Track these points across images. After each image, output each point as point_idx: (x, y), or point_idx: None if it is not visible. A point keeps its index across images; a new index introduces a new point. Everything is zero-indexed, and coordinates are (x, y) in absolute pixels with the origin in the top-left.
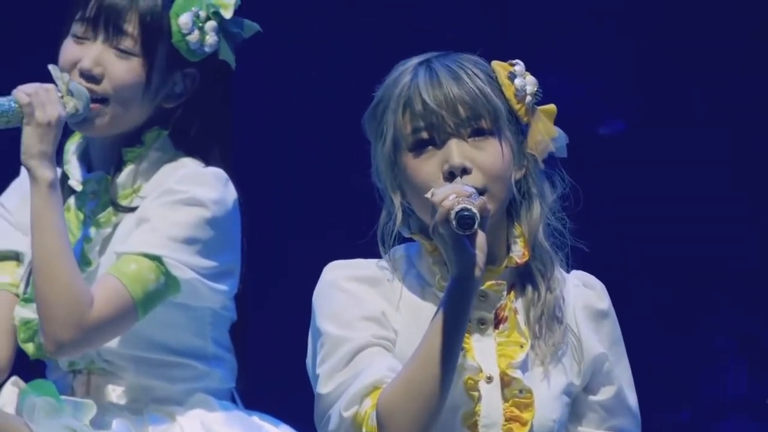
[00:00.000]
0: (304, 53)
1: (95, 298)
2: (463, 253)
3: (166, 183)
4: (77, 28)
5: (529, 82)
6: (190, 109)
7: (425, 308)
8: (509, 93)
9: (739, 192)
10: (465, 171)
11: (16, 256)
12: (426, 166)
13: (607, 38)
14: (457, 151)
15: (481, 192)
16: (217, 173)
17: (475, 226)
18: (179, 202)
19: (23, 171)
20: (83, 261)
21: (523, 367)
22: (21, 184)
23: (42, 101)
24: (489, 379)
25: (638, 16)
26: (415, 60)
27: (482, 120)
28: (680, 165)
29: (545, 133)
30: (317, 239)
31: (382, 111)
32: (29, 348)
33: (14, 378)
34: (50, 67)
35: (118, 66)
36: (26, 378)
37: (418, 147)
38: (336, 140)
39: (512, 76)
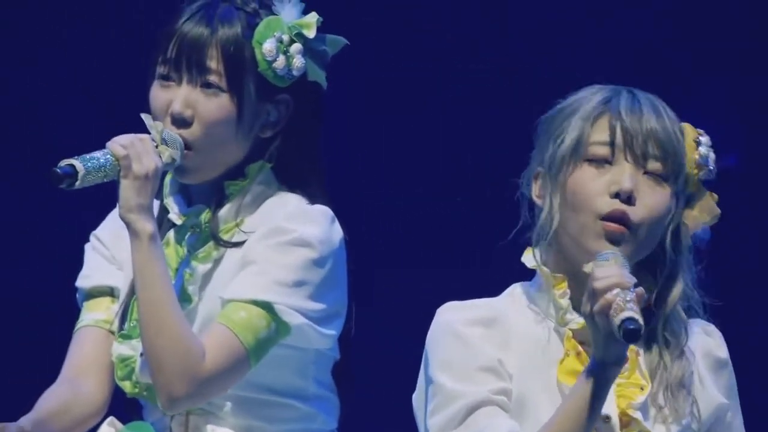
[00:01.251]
0: None
1: (207, 349)
2: (615, 344)
3: (271, 221)
4: (161, 70)
5: (711, 157)
6: (289, 135)
7: (541, 344)
8: (691, 155)
9: None
10: (630, 200)
11: (110, 292)
12: (595, 181)
13: None
14: (630, 177)
15: (632, 228)
16: (323, 211)
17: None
18: (286, 243)
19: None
20: (183, 297)
21: (642, 408)
22: (115, 217)
23: (138, 153)
24: (607, 419)
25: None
26: (611, 85)
27: (665, 162)
28: None
29: (708, 212)
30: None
31: (569, 115)
32: (126, 386)
33: (110, 418)
34: (143, 116)
35: (208, 105)
36: (122, 418)
37: (596, 161)
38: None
39: (698, 142)
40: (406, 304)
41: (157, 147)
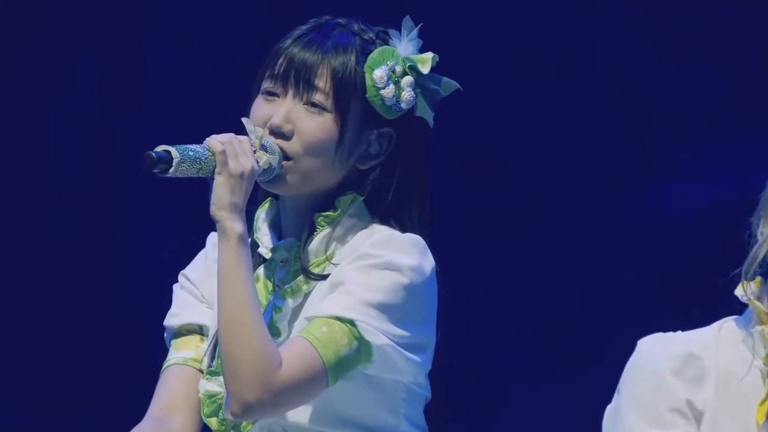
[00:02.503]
0: None
1: (284, 359)
2: None
3: (360, 248)
4: (267, 84)
5: None
6: (387, 171)
7: (742, 383)
8: None
9: None
10: None
11: (199, 330)
12: None
13: None
14: None
15: None
16: (414, 239)
17: None
18: (374, 266)
19: (208, 242)
20: (272, 331)
21: None
22: (206, 256)
23: (236, 151)
24: None
25: None
26: None
27: None
28: None
29: None
30: None
31: None
32: (213, 423)
33: None
34: (244, 120)
35: (310, 122)
36: None
37: None
38: None
39: None
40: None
41: (255, 152)
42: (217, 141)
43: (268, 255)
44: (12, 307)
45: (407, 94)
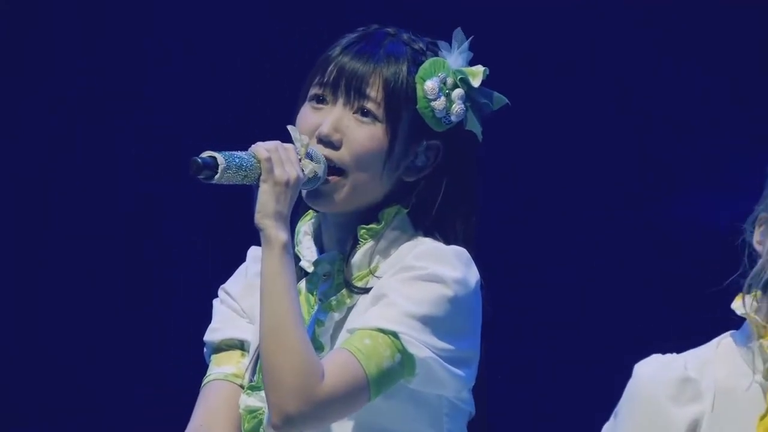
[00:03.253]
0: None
1: (326, 370)
2: None
3: (404, 260)
4: (315, 91)
5: None
6: (432, 184)
7: (742, 398)
8: None
9: None
10: None
11: (240, 345)
12: None
13: None
14: None
15: None
16: (459, 251)
17: None
18: (418, 278)
19: (249, 255)
20: (315, 345)
21: None
22: (246, 269)
23: (281, 159)
24: None
25: None
26: None
27: None
28: None
29: None
30: None
31: None
32: None
33: None
34: (289, 127)
35: (359, 132)
36: None
37: None
38: None
39: None
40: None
41: (300, 160)
42: (262, 148)
43: (310, 268)
44: (12, 308)
45: (457, 107)
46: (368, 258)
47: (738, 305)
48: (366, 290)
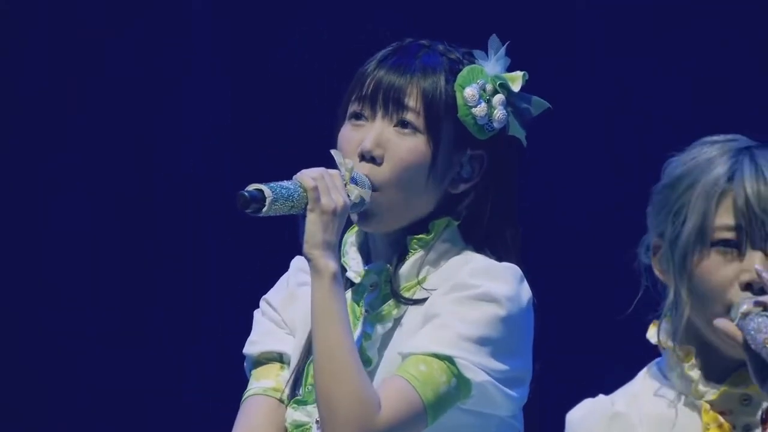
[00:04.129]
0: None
1: (383, 400)
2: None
3: (455, 277)
4: (354, 108)
5: None
6: (480, 195)
7: (678, 423)
8: None
9: None
10: (764, 291)
11: (279, 358)
12: (724, 269)
13: None
14: (762, 264)
15: None
16: (511, 268)
17: None
18: (471, 298)
19: (292, 265)
20: (362, 358)
21: None
22: (288, 279)
23: (327, 187)
24: None
25: None
26: (731, 142)
27: None
28: None
29: None
30: None
31: (687, 188)
32: None
33: None
34: (333, 152)
35: (401, 144)
36: None
37: (724, 245)
38: None
39: None
40: None
41: (345, 185)
42: (308, 177)
43: (356, 279)
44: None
45: (499, 113)
46: (417, 268)
47: (652, 334)
48: (414, 301)
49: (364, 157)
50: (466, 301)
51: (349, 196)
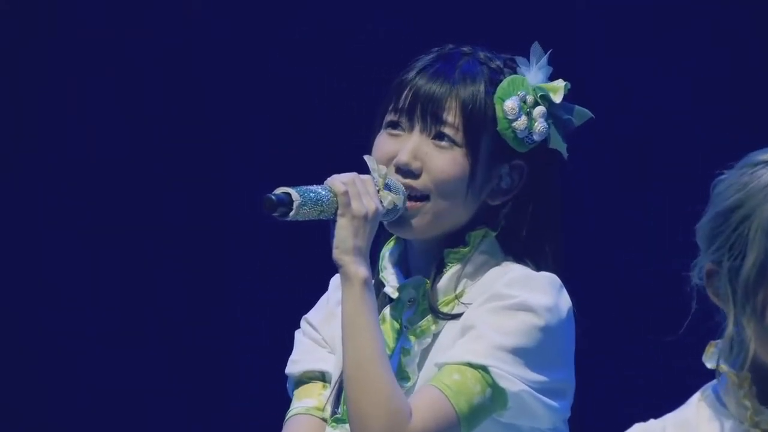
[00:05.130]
0: None
1: (414, 410)
2: None
3: (492, 288)
4: (391, 118)
5: None
6: (519, 206)
7: None
8: None
9: None
10: None
11: (321, 377)
12: None
13: None
14: None
15: None
16: (550, 278)
17: None
18: (508, 308)
19: (331, 284)
20: (400, 375)
21: None
22: (328, 299)
23: (359, 192)
24: None
25: None
26: None
27: None
28: None
29: None
30: None
31: (741, 221)
32: None
33: None
34: (366, 157)
35: (439, 158)
36: None
37: None
38: None
39: None
40: None
41: (378, 191)
42: (339, 181)
43: (394, 294)
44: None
45: (540, 126)
46: (454, 282)
47: (709, 357)
48: (452, 316)
49: (400, 169)
50: (501, 311)
51: (382, 202)
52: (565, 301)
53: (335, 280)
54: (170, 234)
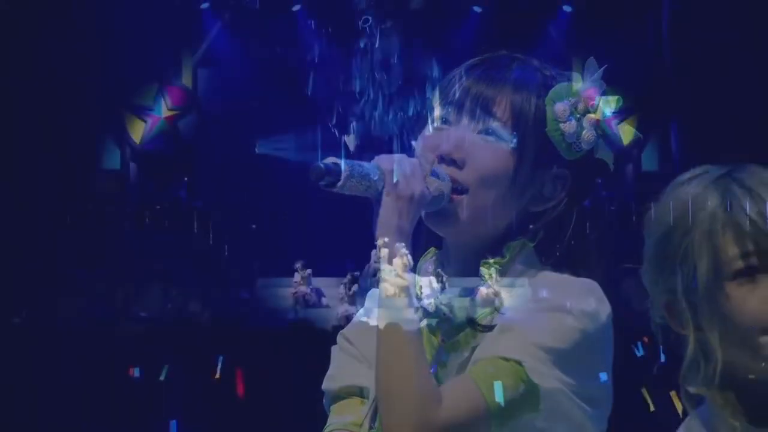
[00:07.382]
0: None
1: (445, 396)
2: None
3: (531, 295)
4: (438, 112)
5: None
6: (560, 216)
7: None
8: None
9: None
10: None
11: (359, 393)
12: (754, 298)
13: None
14: None
15: None
16: (589, 284)
17: None
18: (545, 309)
19: (367, 299)
20: None
21: None
22: (364, 314)
23: (406, 173)
24: None
25: None
26: (705, 175)
27: None
28: None
29: None
30: None
31: (683, 235)
32: None
33: None
34: (414, 143)
35: (483, 151)
36: None
37: (747, 274)
38: None
39: None
40: None
41: (425, 177)
42: (387, 160)
43: (431, 308)
44: None
45: (588, 134)
46: (492, 294)
47: (687, 390)
48: (491, 328)
49: (443, 159)
50: (539, 312)
51: (428, 187)
52: (605, 309)
53: (371, 294)
54: None
